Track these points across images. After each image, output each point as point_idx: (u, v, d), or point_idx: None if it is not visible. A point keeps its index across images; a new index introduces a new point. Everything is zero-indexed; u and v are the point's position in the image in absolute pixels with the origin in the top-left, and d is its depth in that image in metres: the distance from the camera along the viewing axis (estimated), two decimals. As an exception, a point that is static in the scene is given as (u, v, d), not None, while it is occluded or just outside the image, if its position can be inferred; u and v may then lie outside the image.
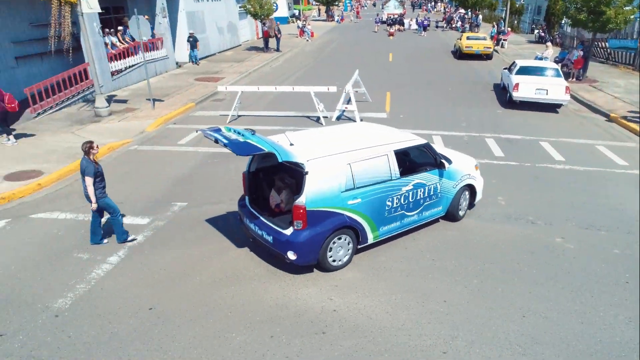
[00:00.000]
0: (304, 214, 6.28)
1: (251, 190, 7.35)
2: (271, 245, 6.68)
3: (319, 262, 6.67)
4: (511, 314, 5.99)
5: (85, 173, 7.11)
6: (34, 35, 16.77)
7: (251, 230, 7.06)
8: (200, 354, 5.33)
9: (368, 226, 6.97)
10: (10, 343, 5.51)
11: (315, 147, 6.65)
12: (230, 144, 6.11)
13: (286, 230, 6.47)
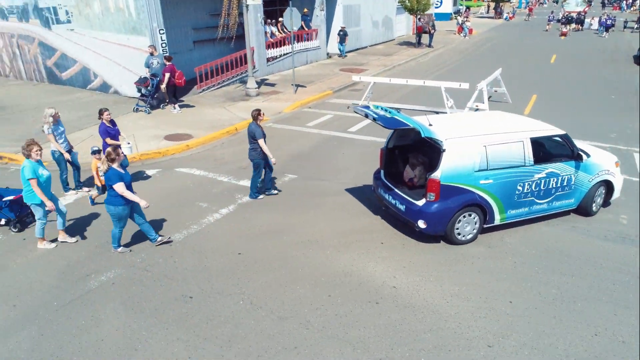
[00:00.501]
0: (438, 188, 6.90)
1: (386, 164, 8.15)
2: (403, 213, 7.41)
3: (446, 233, 7.23)
4: (581, 330, 5.61)
5: (256, 135, 8.47)
6: (209, 23, 19.52)
7: (385, 199, 7.87)
8: (267, 296, 6.17)
9: (497, 207, 7.33)
10: (135, 257, 7.03)
11: (453, 129, 7.27)
12: (379, 118, 7.05)
13: (419, 201, 7.16)
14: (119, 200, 6.74)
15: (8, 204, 7.70)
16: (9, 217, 7.78)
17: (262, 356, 5.20)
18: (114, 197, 6.75)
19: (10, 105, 15.33)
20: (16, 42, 18.38)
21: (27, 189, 6.92)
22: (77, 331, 5.57)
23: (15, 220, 7.80)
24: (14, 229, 7.79)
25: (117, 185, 6.62)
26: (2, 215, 7.78)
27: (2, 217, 7.81)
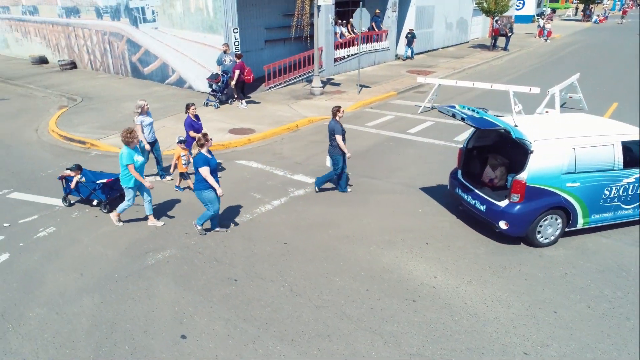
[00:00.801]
0: (523, 189, 6.90)
1: (465, 165, 8.23)
2: (483, 214, 7.45)
3: (527, 235, 7.17)
4: (630, 347, 5.30)
5: (335, 132, 8.73)
6: (281, 23, 20.15)
7: (463, 199, 7.93)
8: (307, 285, 6.39)
9: (581, 211, 7.25)
10: (190, 240, 7.55)
11: (541, 130, 7.21)
12: (469, 118, 7.03)
13: (500, 202, 7.18)
14: (204, 184, 7.17)
15: (101, 187, 8.31)
16: (100, 198, 8.40)
17: (296, 340, 5.42)
18: (200, 181, 7.19)
19: (97, 96, 16.80)
20: (108, 39, 20.07)
21: (124, 173, 7.50)
22: (132, 302, 6.10)
23: (105, 202, 8.39)
24: (104, 209, 8.40)
25: (202, 168, 7.04)
26: (95, 196, 8.43)
27: (95, 198, 8.47)
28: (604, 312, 5.87)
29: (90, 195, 8.46)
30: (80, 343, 5.39)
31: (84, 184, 8.42)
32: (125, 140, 7.47)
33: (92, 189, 8.37)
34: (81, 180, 8.46)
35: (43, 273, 6.71)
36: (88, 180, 8.50)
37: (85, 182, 8.44)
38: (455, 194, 8.20)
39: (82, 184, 8.43)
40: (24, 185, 9.66)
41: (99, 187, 8.34)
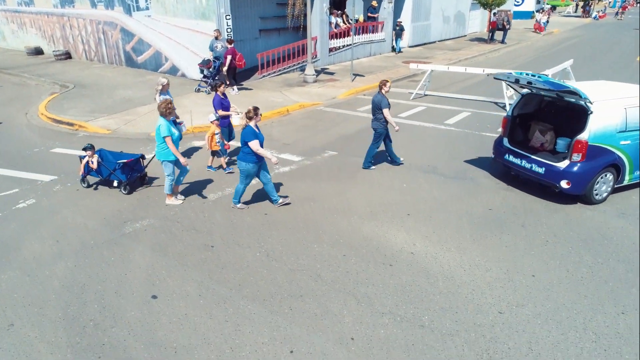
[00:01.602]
0: (585, 148, 7.26)
1: (510, 132, 8.52)
2: (541, 176, 7.74)
3: (585, 193, 7.51)
4: (607, 308, 5.21)
5: (381, 105, 8.75)
6: (276, 13, 20.10)
7: (515, 165, 8.18)
8: (284, 251, 6.32)
9: (628, 167, 7.64)
10: (170, 211, 7.48)
11: (593, 93, 7.40)
12: (537, 80, 7.37)
13: (559, 163, 7.50)
14: (251, 157, 7.08)
15: (121, 166, 7.96)
16: (120, 179, 8.04)
17: (268, 300, 5.35)
18: (247, 154, 7.08)
19: (89, 84, 16.76)
20: (102, 28, 20.04)
21: (162, 146, 7.25)
22: (106, 266, 6.04)
23: (125, 183, 8.03)
24: (124, 190, 8.06)
25: (253, 142, 6.94)
26: (114, 177, 8.07)
27: (114, 178, 8.10)
28: (582, 276, 5.78)
29: (110, 176, 8.12)
30: (49, 302, 5.33)
31: (104, 164, 8.08)
32: (164, 111, 7.20)
33: (112, 169, 8.03)
34: (98, 161, 8.11)
35: (19, 241, 6.66)
36: (107, 161, 8.19)
37: (105, 162, 8.12)
38: (503, 161, 8.46)
39: (101, 164, 8.09)
40: (9, 163, 9.62)
41: (118, 166, 7.98)
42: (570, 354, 4.56)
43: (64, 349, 4.65)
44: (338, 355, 4.56)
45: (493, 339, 4.77)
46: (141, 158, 8.42)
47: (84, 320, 5.05)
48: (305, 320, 5.03)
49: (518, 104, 8.57)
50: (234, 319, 5.06)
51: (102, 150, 8.48)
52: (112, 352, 4.62)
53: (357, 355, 4.55)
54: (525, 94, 8.55)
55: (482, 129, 11.91)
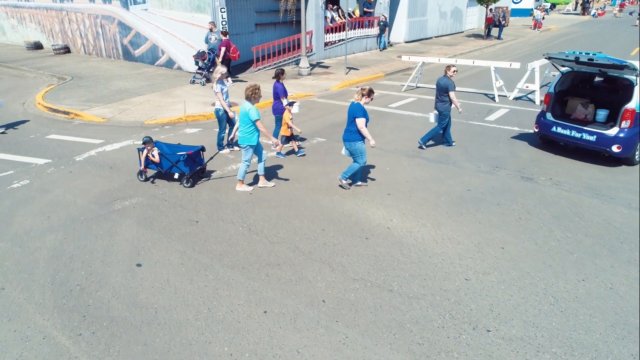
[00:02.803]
0: (633, 116, 8.30)
1: (554, 107, 9.43)
2: (592, 143, 8.71)
3: (629, 157, 8.57)
4: (569, 276, 5.46)
5: (449, 88, 9.26)
6: (272, 7, 20.34)
7: (564, 135, 9.10)
8: (265, 226, 6.58)
9: None
10: (158, 190, 7.74)
11: None
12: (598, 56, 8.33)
13: (609, 130, 8.53)
14: (357, 135, 7.24)
15: (185, 158, 7.81)
16: (183, 171, 7.87)
17: (246, 268, 5.61)
18: (354, 132, 7.25)
19: (87, 76, 17.04)
20: (100, 22, 20.32)
21: (248, 130, 7.32)
22: (94, 238, 6.31)
23: (188, 175, 7.87)
24: (187, 184, 7.87)
25: (360, 119, 7.11)
26: (176, 169, 7.91)
27: (176, 171, 7.94)
28: (550, 248, 6.03)
29: (172, 168, 7.97)
30: (38, 270, 5.59)
31: (166, 155, 7.91)
32: (252, 95, 7.36)
33: (174, 162, 7.87)
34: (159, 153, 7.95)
35: (12, 216, 6.93)
36: (165, 153, 8.00)
37: (168, 154, 7.95)
38: (549, 134, 9.33)
39: (163, 157, 7.92)
40: (5, 148, 9.90)
41: (183, 158, 7.81)
42: (529, 314, 4.81)
43: (50, 309, 4.92)
44: (309, 314, 4.82)
45: (457, 302, 5.02)
46: (201, 150, 8.24)
47: (71, 284, 5.32)
48: (281, 286, 5.29)
49: (558, 82, 9.55)
50: (213, 284, 5.32)
51: (158, 142, 8.28)
52: (96, 312, 4.88)
53: (326, 315, 4.80)
54: (564, 72, 9.64)
55: (469, 117, 12.14)
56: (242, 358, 4.28)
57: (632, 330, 4.59)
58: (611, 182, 8.05)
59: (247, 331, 4.59)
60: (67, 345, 4.44)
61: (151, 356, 4.30)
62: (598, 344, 4.42)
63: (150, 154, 7.94)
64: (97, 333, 4.58)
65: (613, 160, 8.81)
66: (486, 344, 4.43)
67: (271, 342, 4.46)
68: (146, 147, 7.92)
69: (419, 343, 4.44)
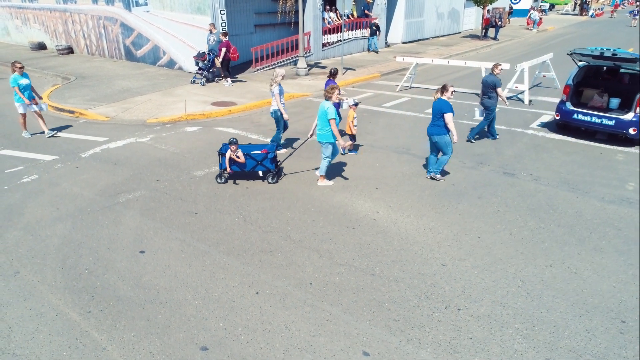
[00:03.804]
0: None
1: (572, 97, 10.79)
2: (611, 127, 9.99)
3: None
4: (538, 261, 5.93)
5: (496, 85, 10.14)
6: (270, 9, 20.80)
7: (585, 121, 10.36)
8: (260, 217, 7.06)
9: None
10: (160, 184, 8.22)
11: None
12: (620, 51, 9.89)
13: (625, 116, 9.84)
14: (444, 129, 7.83)
15: (272, 157, 8.12)
16: (269, 168, 8.15)
17: (241, 255, 6.09)
18: (441, 127, 7.85)
19: (90, 76, 17.53)
20: (102, 23, 20.80)
21: (326, 128, 7.67)
22: (100, 227, 6.79)
23: (274, 172, 8.20)
24: (271, 180, 8.17)
25: (449, 114, 7.75)
26: (260, 167, 8.16)
27: (261, 169, 8.19)
28: (522, 238, 6.50)
29: (256, 167, 8.18)
30: (50, 256, 6.08)
31: (251, 155, 8.10)
32: (329, 95, 7.65)
33: (258, 160, 8.11)
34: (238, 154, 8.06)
35: (23, 207, 7.41)
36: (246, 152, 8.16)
37: (253, 154, 8.14)
38: (571, 121, 10.55)
39: (248, 157, 8.09)
40: (13, 145, 10.38)
41: (271, 156, 8.14)
42: (497, 295, 5.28)
43: (62, 290, 5.40)
44: (297, 295, 5.29)
45: (433, 284, 5.49)
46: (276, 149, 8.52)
47: (80, 268, 5.80)
48: (272, 270, 5.76)
49: (577, 75, 10.93)
50: (210, 268, 5.80)
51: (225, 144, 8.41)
52: (103, 292, 5.36)
53: (313, 295, 5.28)
54: (582, 66, 11.03)
55: (459, 117, 12.59)
56: (235, 332, 4.75)
57: (590, 309, 5.06)
58: (588, 177, 8.52)
59: (240, 309, 5.07)
60: (78, 320, 4.92)
61: (153, 330, 4.78)
62: (557, 320, 4.90)
63: (235, 155, 8.05)
64: (105, 310, 5.06)
65: (628, 141, 10.18)
66: (456, 320, 4.91)
67: (262, 318, 4.93)
68: (230, 149, 7.99)
69: (395, 319, 4.91)
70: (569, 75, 11.09)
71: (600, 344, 4.57)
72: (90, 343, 4.60)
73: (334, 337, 4.66)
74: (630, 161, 9.30)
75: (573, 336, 4.66)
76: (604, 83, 11.23)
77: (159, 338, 4.66)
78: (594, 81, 11.38)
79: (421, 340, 4.63)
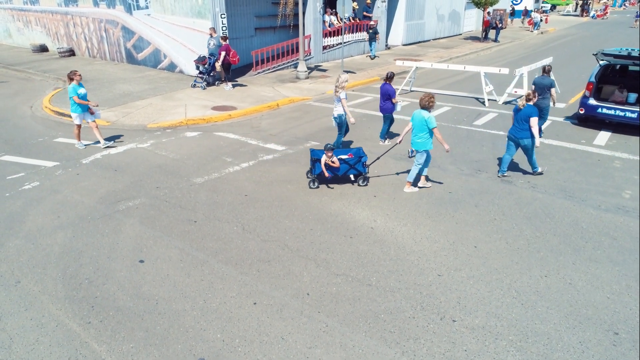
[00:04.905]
0: None
1: (595, 93, 11.80)
2: (633, 119, 10.99)
3: None
4: (533, 271, 5.99)
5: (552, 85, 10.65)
6: (271, 12, 20.85)
7: (609, 115, 11.38)
8: (258, 225, 7.12)
9: None
10: (160, 192, 8.29)
11: None
12: None
13: None
14: (529, 133, 8.38)
15: (365, 161, 8.37)
16: (360, 171, 8.41)
17: (239, 264, 6.16)
18: (526, 130, 8.38)
19: (91, 79, 17.60)
20: (104, 26, 20.89)
21: (425, 136, 7.84)
22: (100, 236, 6.86)
23: (365, 174, 8.45)
24: (362, 183, 8.45)
25: (534, 118, 8.26)
26: (353, 171, 8.40)
27: (353, 172, 8.44)
28: (519, 247, 6.56)
29: (349, 171, 8.41)
30: (50, 265, 6.15)
31: (345, 160, 8.32)
32: (429, 104, 7.81)
33: (351, 164, 8.33)
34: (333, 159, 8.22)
35: (24, 215, 7.49)
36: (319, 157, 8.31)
37: (346, 159, 8.35)
38: (595, 114, 11.58)
39: (342, 161, 8.28)
40: (15, 150, 10.46)
41: (364, 160, 8.37)
42: (492, 306, 5.35)
43: (62, 300, 5.47)
44: (294, 305, 5.36)
45: (429, 295, 5.56)
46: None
47: (80, 278, 5.87)
48: (270, 280, 5.83)
49: (598, 72, 11.90)
50: (208, 278, 5.87)
51: (313, 150, 8.79)
52: (103, 302, 5.44)
53: (310, 306, 5.35)
54: (603, 65, 12.01)
55: (458, 122, 12.66)
56: (233, 343, 4.83)
57: (583, 320, 5.12)
58: (584, 184, 8.57)
59: (238, 320, 5.14)
60: (78, 331, 4.99)
61: (152, 341, 4.85)
62: (551, 332, 4.96)
63: (330, 160, 8.22)
64: (105, 321, 5.13)
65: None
66: (451, 332, 4.97)
67: (259, 330, 5.00)
68: (326, 154, 8.18)
69: (390, 331, 4.98)
70: (591, 74, 12.05)
71: (593, 356, 4.63)
72: (90, 354, 4.68)
73: (330, 349, 4.72)
74: (627, 168, 9.35)
75: (566, 348, 4.72)
76: (621, 80, 12.41)
77: (158, 349, 4.73)
78: (611, 78, 12.54)
79: (416, 352, 4.69)
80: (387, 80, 10.68)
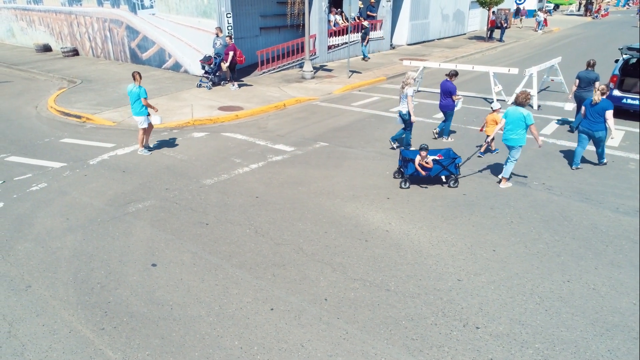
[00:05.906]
0: None
1: (619, 85, 12.53)
2: None
3: None
4: (554, 276, 5.85)
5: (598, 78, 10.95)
6: (276, 11, 20.73)
7: (633, 105, 12.07)
8: (271, 228, 6.99)
9: None
10: (170, 193, 8.17)
11: None
12: None
13: None
14: (603, 125, 8.71)
15: (458, 162, 8.26)
16: (452, 172, 8.27)
17: (253, 268, 6.03)
18: (601, 122, 8.73)
19: (96, 79, 17.50)
20: (108, 26, 20.77)
21: (520, 132, 7.93)
22: (111, 239, 6.74)
23: (456, 175, 8.32)
24: (453, 184, 8.33)
25: (610, 111, 8.62)
26: (445, 172, 8.28)
27: (445, 173, 8.32)
28: (538, 251, 6.42)
29: (441, 172, 8.30)
30: (61, 269, 6.03)
31: (439, 161, 8.19)
32: (525, 101, 7.92)
33: (444, 165, 8.21)
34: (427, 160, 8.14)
35: (33, 218, 7.37)
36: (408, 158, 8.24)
37: (440, 160, 8.21)
38: (620, 104, 12.01)
39: (435, 162, 8.17)
40: (21, 151, 10.35)
41: (458, 162, 8.27)
42: (515, 313, 5.21)
43: (74, 305, 5.35)
44: (312, 311, 5.23)
45: (449, 300, 5.42)
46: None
47: (92, 283, 5.75)
48: (286, 284, 5.70)
49: (621, 66, 12.66)
50: (223, 283, 5.74)
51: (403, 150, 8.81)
52: (116, 307, 5.31)
53: (328, 312, 5.22)
54: (625, 59, 12.77)
55: (467, 122, 12.52)
56: (251, 351, 4.70)
57: (610, 327, 4.99)
58: (600, 186, 8.43)
59: (255, 326, 5.01)
60: (92, 338, 4.86)
61: (168, 349, 4.72)
62: (578, 340, 4.82)
63: (424, 161, 8.15)
64: (119, 327, 5.01)
65: None
66: (475, 339, 4.84)
67: (277, 337, 4.87)
68: (420, 154, 8.12)
69: (413, 338, 4.85)
70: (615, 67, 12.79)
71: (622, 365, 4.50)
72: (104, 362, 4.55)
73: (352, 358, 4.59)
74: (643, 170, 9.21)
75: (595, 357, 4.59)
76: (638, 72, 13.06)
77: (174, 357, 4.60)
78: (632, 72, 13.08)
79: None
80: (449, 78, 10.59)
